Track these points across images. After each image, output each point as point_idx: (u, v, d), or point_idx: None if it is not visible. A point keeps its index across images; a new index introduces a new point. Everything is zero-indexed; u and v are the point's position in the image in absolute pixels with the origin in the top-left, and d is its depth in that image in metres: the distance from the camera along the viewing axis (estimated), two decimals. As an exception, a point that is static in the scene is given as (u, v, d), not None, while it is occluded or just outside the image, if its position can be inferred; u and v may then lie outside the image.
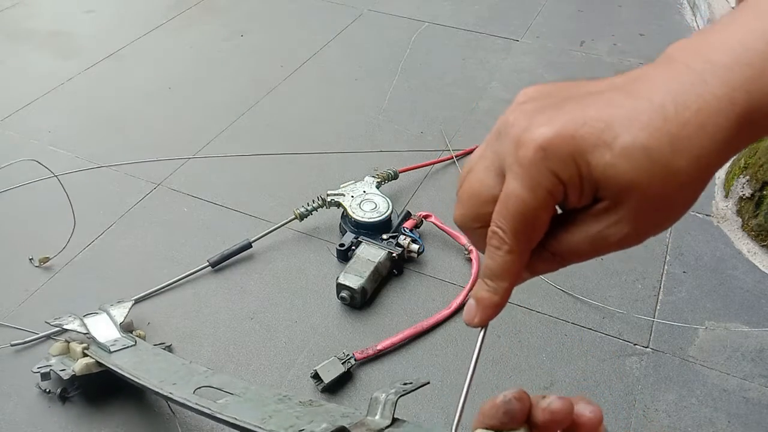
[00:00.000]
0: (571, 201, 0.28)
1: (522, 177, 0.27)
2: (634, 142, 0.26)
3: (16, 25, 1.72)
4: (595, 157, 0.26)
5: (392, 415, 0.39)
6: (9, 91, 1.45)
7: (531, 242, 0.29)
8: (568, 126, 0.26)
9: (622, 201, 0.27)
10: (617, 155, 0.26)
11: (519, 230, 0.28)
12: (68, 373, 0.79)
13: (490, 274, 0.30)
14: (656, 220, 0.28)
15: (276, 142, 1.30)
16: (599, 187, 0.27)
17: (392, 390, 0.40)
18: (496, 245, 0.29)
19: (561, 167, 0.27)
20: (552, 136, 0.26)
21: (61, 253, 1.04)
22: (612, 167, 0.26)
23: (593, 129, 0.26)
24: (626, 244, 0.28)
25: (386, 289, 0.99)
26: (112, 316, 0.87)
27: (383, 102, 1.42)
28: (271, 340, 0.92)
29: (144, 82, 1.49)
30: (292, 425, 0.43)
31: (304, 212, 1.06)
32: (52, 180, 1.20)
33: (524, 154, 0.27)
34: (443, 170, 1.23)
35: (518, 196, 0.28)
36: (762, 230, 1.06)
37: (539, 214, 0.28)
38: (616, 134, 0.26)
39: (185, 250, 1.05)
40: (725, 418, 0.83)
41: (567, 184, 0.27)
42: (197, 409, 0.61)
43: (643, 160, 0.26)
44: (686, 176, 0.26)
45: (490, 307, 0.31)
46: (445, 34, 1.68)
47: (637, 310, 0.96)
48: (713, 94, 0.26)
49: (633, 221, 0.27)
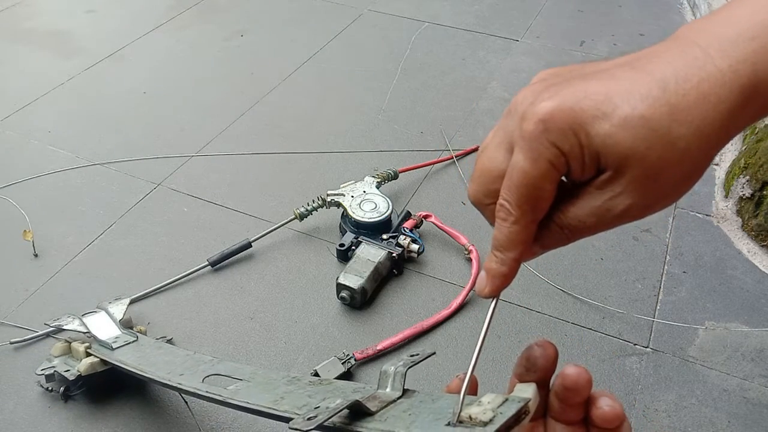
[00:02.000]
0: (574, 173, 0.28)
1: (524, 149, 0.28)
2: (633, 112, 0.26)
3: (16, 25, 1.72)
4: (594, 128, 0.26)
5: (402, 387, 0.39)
6: (9, 91, 1.45)
7: (536, 213, 0.30)
8: (569, 99, 0.27)
9: (623, 171, 0.27)
10: (616, 125, 0.26)
11: (523, 201, 0.29)
12: (74, 374, 0.79)
13: (498, 245, 0.31)
14: (659, 192, 0.28)
15: (276, 142, 1.30)
16: (600, 157, 0.27)
17: (401, 363, 0.40)
18: (503, 217, 0.30)
19: (561, 139, 0.27)
20: (552, 109, 0.27)
21: (61, 253, 1.04)
22: (611, 137, 0.26)
23: (593, 101, 0.27)
24: (631, 217, 0.29)
25: (386, 289, 0.99)
26: (111, 313, 0.87)
27: (383, 102, 1.42)
28: (271, 340, 0.92)
29: (144, 82, 1.49)
30: (306, 404, 0.43)
31: (304, 212, 1.06)
32: (52, 180, 1.20)
33: (526, 127, 0.28)
34: (443, 170, 1.23)
35: (521, 168, 0.28)
36: (762, 230, 1.06)
37: (542, 185, 0.28)
38: (615, 105, 0.26)
39: (185, 249, 1.05)
40: (725, 418, 0.83)
41: (568, 155, 0.27)
42: (208, 396, 0.61)
43: (641, 130, 0.26)
44: (686, 145, 0.26)
45: (499, 278, 0.32)
46: (445, 34, 1.68)
47: (637, 310, 0.96)
48: (717, 67, 0.26)
49: (635, 192, 0.28)
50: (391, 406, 0.38)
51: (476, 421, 0.30)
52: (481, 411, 0.30)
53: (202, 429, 0.81)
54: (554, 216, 0.30)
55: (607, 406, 0.30)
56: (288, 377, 0.52)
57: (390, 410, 0.37)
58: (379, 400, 0.38)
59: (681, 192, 0.28)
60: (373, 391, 0.40)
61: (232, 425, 0.81)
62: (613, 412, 0.30)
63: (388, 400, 0.38)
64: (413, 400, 0.37)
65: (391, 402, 0.38)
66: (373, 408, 0.37)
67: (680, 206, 1.15)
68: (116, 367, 0.78)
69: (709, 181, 1.21)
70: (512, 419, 0.30)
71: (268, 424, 0.81)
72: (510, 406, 0.30)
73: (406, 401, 0.38)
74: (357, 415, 0.37)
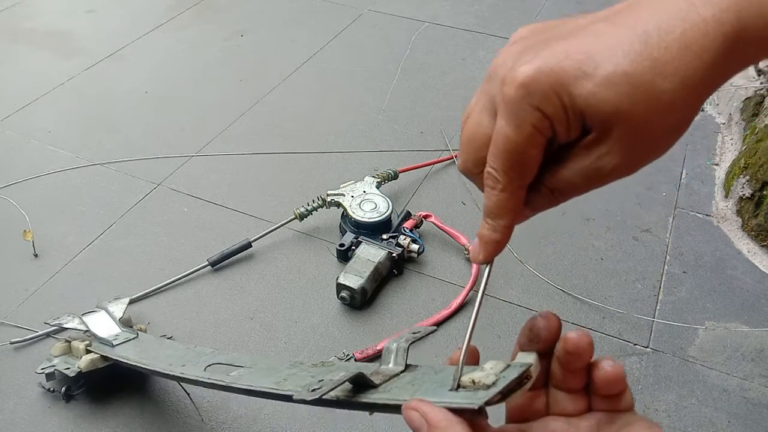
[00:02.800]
0: (560, 135, 0.28)
1: (507, 115, 0.28)
2: (615, 69, 0.25)
3: (16, 25, 1.72)
4: (577, 88, 0.26)
5: (405, 362, 0.39)
6: (9, 91, 1.45)
7: (523, 179, 0.29)
8: (549, 60, 0.26)
9: (609, 130, 0.27)
10: (598, 84, 0.26)
11: (509, 168, 0.29)
12: (74, 371, 0.79)
13: (489, 213, 0.31)
14: (646, 148, 0.27)
15: (276, 142, 1.30)
16: (585, 117, 0.27)
17: (403, 339, 0.41)
18: (491, 185, 0.30)
19: (543, 102, 0.27)
20: (533, 72, 0.26)
21: (61, 253, 1.04)
22: (594, 96, 0.26)
23: (574, 61, 0.26)
24: (619, 174, 0.28)
25: (386, 289, 0.99)
26: (111, 312, 0.87)
27: (383, 102, 1.42)
28: (271, 340, 0.92)
29: (144, 82, 1.49)
30: (309, 383, 0.43)
31: (304, 212, 1.06)
32: (52, 180, 1.20)
33: (508, 92, 0.27)
34: (443, 170, 1.23)
35: (505, 134, 0.28)
36: (762, 230, 1.06)
37: (527, 151, 0.28)
38: (597, 64, 0.26)
39: (185, 249, 1.05)
40: (725, 418, 0.83)
41: (552, 118, 0.27)
42: (211, 383, 0.61)
43: (624, 87, 0.25)
44: (671, 99, 0.26)
45: (491, 245, 0.32)
46: (445, 34, 1.68)
47: (637, 310, 0.96)
48: (700, 16, 0.25)
49: (623, 150, 0.27)
50: (395, 379, 0.38)
51: (479, 385, 0.31)
52: (484, 375, 0.31)
53: (204, 429, 0.81)
54: (543, 179, 0.30)
55: (609, 367, 0.31)
56: (290, 362, 0.52)
57: (393, 383, 0.37)
58: (382, 375, 0.38)
59: (669, 145, 0.28)
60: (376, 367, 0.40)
61: (232, 425, 0.81)
62: (615, 372, 0.30)
63: (391, 374, 0.38)
64: (416, 373, 0.38)
65: (394, 376, 0.38)
66: (377, 381, 0.37)
67: (680, 206, 1.15)
68: (117, 362, 0.78)
69: (709, 181, 1.21)
70: (514, 382, 0.30)
71: (269, 423, 0.81)
72: (512, 370, 0.31)
73: (409, 374, 0.38)
74: (361, 388, 0.37)
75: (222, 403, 0.83)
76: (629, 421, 0.31)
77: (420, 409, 0.31)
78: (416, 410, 0.31)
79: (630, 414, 0.31)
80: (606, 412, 0.31)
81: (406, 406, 0.32)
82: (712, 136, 1.32)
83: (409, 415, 0.31)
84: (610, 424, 0.31)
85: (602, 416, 0.31)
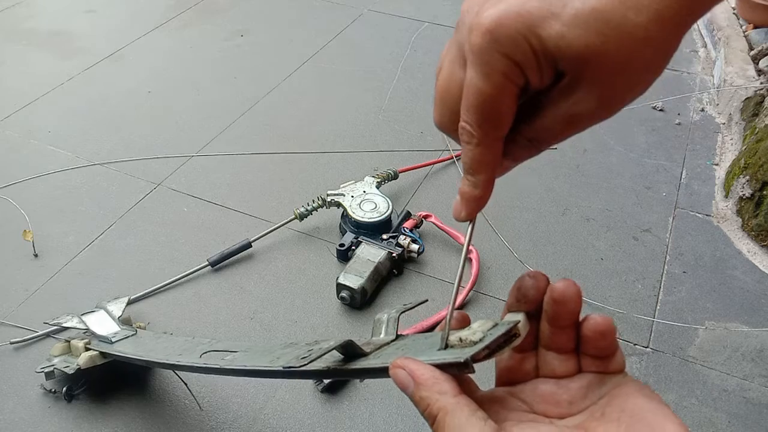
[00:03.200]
0: (533, 82, 0.26)
1: (475, 65, 0.26)
2: (583, 6, 0.24)
3: (16, 25, 1.73)
4: (545, 30, 0.25)
5: (396, 332, 0.39)
6: (9, 91, 1.45)
7: (499, 131, 0.28)
8: (514, 3, 0.25)
9: (582, 72, 0.25)
10: (567, 23, 0.24)
11: (483, 121, 0.27)
12: (73, 368, 0.79)
13: (467, 168, 0.30)
14: (623, 87, 0.26)
15: (276, 142, 1.30)
16: (557, 61, 0.25)
17: (393, 310, 0.41)
18: (467, 140, 0.28)
19: (512, 48, 0.25)
20: (498, 17, 0.25)
21: (61, 253, 1.04)
22: (563, 38, 0.24)
23: (540, 2, 0.25)
24: (598, 117, 0.27)
25: (386, 289, 0.99)
26: (110, 312, 0.87)
27: (383, 102, 1.42)
28: (271, 340, 0.92)
29: (144, 82, 1.49)
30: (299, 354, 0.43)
31: (304, 212, 1.06)
32: (52, 180, 1.20)
33: (474, 40, 0.26)
34: (443, 170, 1.23)
35: (476, 86, 0.27)
36: (762, 230, 1.06)
37: (500, 100, 0.27)
38: (565, 2, 0.24)
39: (185, 249, 1.05)
40: (725, 418, 0.83)
41: (522, 64, 0.26)
42: (206, 367, 0.61)
43: (594, 24, 0.24)
44: (645, 32, 0.24)
45: (473, 201, 0.30)
46: (445, 34, 1.68)
47: (637, 310, 0.96)
48: None
49: (599, 91, 0.26)
50: (385, 347, 0.38)
51: (466, 342, 0.30)
52: (471, 333, 0.31)
53: (204, 428, 0.81)
54: (521, 129, 0.29)
55: (598, 317, 0.30)
56: (285, 344, 0.52)
57: (384, 350, 0.37)
58: (373, 344, 0.38)
59: (647, 83, 0.26)
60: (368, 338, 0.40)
61: (232, 425, 0.81)
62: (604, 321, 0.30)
63: (382, 344, 0.38)
64: (406, 341, 0.38)
65: (385, 344, 0.38)
66: (368, 350, 0.37)
67: (680, 206, 1.15)
68: (116, 357, 0.78)
69: (709, 181, 1.21)
70: (501, 338, 0.29)
71: (269, 423, 0.81)
72: (500, 328, 0.30)
73: (399, 342, 0.38)
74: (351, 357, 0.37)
75: (223, 403, 0.83)
76: (620, 382, 0.30)
77: (407, 367, 0.30)
78: (403, 368, 0.30)
79: (621, 376, 0.30)
80: (596, 373, 0.31)
81: (393, 365, 0.31)
82: (712, 136, 1.32)
83: (395, 373, 0.31)
84: (600, 385, 0.30)
85: (592, 377, 0.30)
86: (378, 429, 0.80)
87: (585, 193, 1.18)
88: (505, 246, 1.05)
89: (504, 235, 1.07)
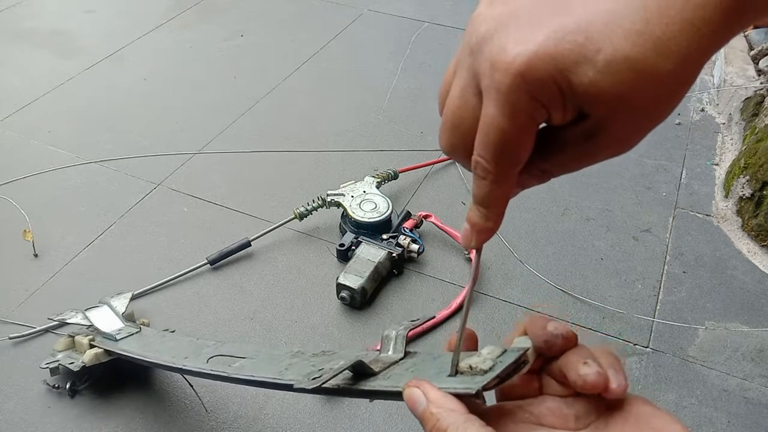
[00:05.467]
0: (555, 120, 0.26)
1: (500, 103, 0.26)
2: (616, 54, 0.24)
3: (16, 24, 1.73)
4: (577, 76, 0.24)
5: (404, 349, 0.40)
6: (9, 91, 1.45)
7: (515, 167, 0.28)
8: (547, 44, 0.24)
9: (609, 116, 0.26)
10: (600, 71, 0.24)
11: (502, 159, 0.27)
12: (78, 365, 0.79)
13: (480, 202, 0.29)
14: (644, 129, 0.27)
15: (276, 142, 1.30)
16: (583, 104, 0.25)
17: (401, 326, 0.41)
18: (481, 175, 0.28)
19: (541, 91, 0.25)
20: (530, 59, 0.24)
21: (61, 253, 1.04)
22: (595, 85, 0.24)
23: (573, 44, 0.24)
24: (616, 155, 0.28)
25: (386, 289, 0.99)
26: (114, 307, 0.87)
27: (383, 102, 1.42)
28: (271, 340, 0.92)
29: (144, 83, 1.49)
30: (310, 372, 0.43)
31: (303, 212, 1.06)
32: (52, 180, 1.20)
33: (501, 79, 0.25)
34: (443, 170, 1.23)
35: (498, 125, 0.26)
36: (762, 230, 1.06)
37: (521, 140, 0.27)
38: (598, 47, 0.24)
39: (185, 249, 1.05)
40: (725, 418, 0.83)
41: (548, 105, 0.25)
42: (213, 374, 0.61)
43: (627, 73, 0.24)
44: (673, 78, 0.24)
45: (484, 232, 0.30)
46: (445, 34, 1.68)
47: (637, 310, 0.96)
48: None
49: (620, 134, 0.26)
50: (394, 366, 0.38)
51: (476, 370, 0.31)
52: (481, 360, 0.31)
53: (205, 428, 0.81)
54: (535, 161, 0.29)
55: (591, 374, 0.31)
56: (292, 351, 0.52)
57: (393, 369, 0.38)
58: (381, 362, 0.39)
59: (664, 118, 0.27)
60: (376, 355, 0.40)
61: (233, 424, 0.81)
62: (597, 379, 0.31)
63: (391, 362, 0.38)
64: (415, 360, 0.38)
65: (394, 363, 0.38)
66: (377, 369, 0.37)
67: (680, 206, 1.15)
68: (121, 356, 0.78)
69: (709, 181, 1.21)
70: (511, 366, 0.30)
71: (269, 423, 0.81)
72: (509, 355, 0.31)
73: (408, 361, 0.38)
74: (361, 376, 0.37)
75: (223, 403, 0.83)
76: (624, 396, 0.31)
77: (422, 386, 0.31)
78: (418, 387, 0.32)
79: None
80: None
81: (408, 384, 0.32)
82: (712, 136, 1.32)
83: (410, 392, 0.32)
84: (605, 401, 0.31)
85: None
86: (378, 429, 0.80)
87: (585, 193, 1.18)
88: (505, 246, 1.05)
89: (504, 235, 1.07)
